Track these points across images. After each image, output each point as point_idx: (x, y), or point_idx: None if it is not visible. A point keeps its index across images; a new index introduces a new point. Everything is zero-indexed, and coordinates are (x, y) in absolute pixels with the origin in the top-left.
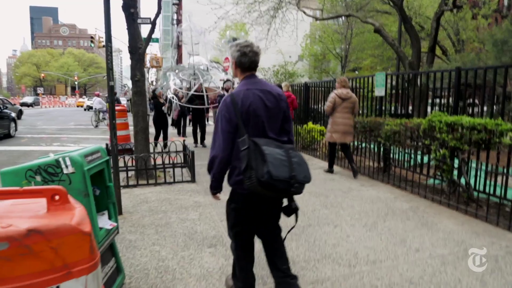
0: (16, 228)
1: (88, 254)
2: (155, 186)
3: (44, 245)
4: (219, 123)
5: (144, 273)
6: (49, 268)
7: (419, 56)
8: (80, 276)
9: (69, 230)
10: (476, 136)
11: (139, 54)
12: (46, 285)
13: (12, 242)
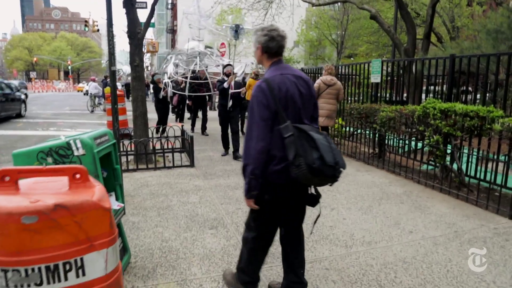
0: (44, 203)
1: (109, 229)
2: (154, 170)
3: (69, 219)
4: (256, 111)
5: (148, 253)
6: (73, 240)
7: (415, 43)
8: (101, 249)
9: (91, 205)
10: (469, 123)
11: (138, 39)
12: (71, 257)
13: (40, 215)
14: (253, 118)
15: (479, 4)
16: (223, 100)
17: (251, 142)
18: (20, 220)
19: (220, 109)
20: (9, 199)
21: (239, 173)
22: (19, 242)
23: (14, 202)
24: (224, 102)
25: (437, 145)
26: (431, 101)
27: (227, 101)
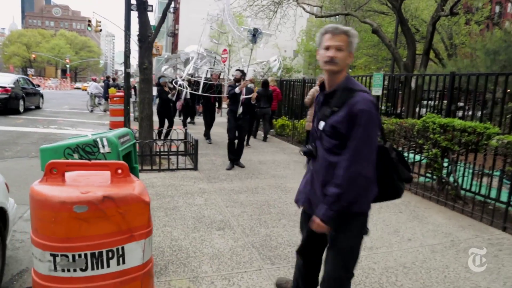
0: (94, 194)
1: (147, 221)
2: (158, 172)
3: (115, 210)
4: (371, 130)
5: (159, 251)
6: (117, 230)
7: (414, 58)
8: (140, 239)
9: (134, 198)
10: (466, 138)
11: (148, 43)
12: (114, 245)
13: (90, 205)
14: (367, 138)
15: (477, 23)
16: (233, 106)
17: (358, 166)
18: (72, 209)
19: (229, 115)
20: (60, 189)
21: (242, 178)
22: (69, 230)
23: (65, 192)
24: (234, 108)
25: (435, 158)
26: (431, 115)
27: (237, 107)
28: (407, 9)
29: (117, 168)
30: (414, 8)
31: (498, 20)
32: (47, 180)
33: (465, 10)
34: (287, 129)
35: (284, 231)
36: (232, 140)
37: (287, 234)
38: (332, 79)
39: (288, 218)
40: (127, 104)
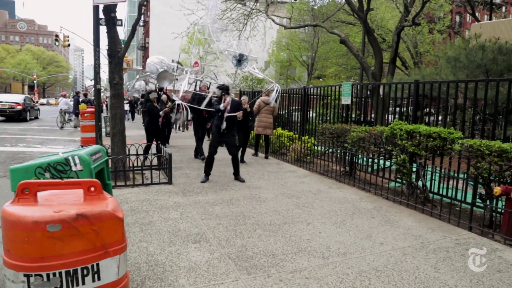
0: (67, 213)
1: (121, 237)
2: (132, 187)
3: (88, 227)
4: None
5: (135, 267)
6: (91, 247)
7: (381, 67)
8: (115, 255)
9: (107, 215)
10: (432, 143)
11: (118, 58)
12: (89, 262)
13: (64, 224)
14: None
15: (439, 32)
16: (217, 120)
17: None
18: (46, 228)
19: (213, 130)
20: (32, 209)
21: (217, 190)
22: (43, 249)
23: (38, 212)
24: (218, 123)
25: (403, 163)
26: (398, 122)
27: (221, 122)
28: (373, 20)
29: (89, 186)
30: (380, 19)
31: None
32: (19, 200)
33: (427, 20)
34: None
35: (260, 241)
36: (212, 155)
37: (263, 244)
38: None
39: (263, 228)
40: (99, 120)
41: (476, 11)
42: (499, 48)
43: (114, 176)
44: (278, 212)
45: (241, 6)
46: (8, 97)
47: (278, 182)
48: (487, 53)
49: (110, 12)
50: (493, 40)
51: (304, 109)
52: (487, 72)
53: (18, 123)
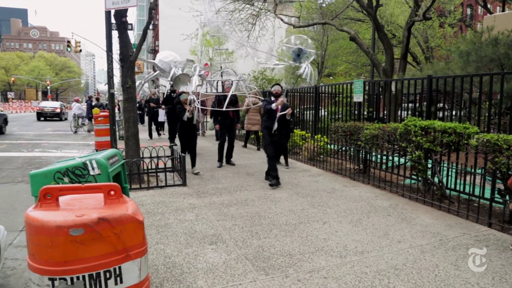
0: (89, 217)
1: (142, 240)
2: (147, 190)
3: (110, 231)
4: None
5: (154, 269)
6: (113, 250)
7: (392, 63)
8: (136, 258)
9: (128, 218)
10: (447, 139)
11: (130, 62)
12: (111, 265)
13: (86, 228)
14: None
15: (450, 25)
16: (268, 121)
17: None
18: (69, 232)
19: (264, 132)
20: (54, 214)
21: (231, 191)
22: (66, 253)
23: (61, 216)
24: (269, 124)
25: (418, 160)
26: (412, 119)
27: (272, 123)
28: (382, 16)
29: (109, 189)
30: (390, 14)
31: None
32: (41, 205)
33: (438, 14)
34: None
35: (276, 241)
36: (272, 156)
37: (279, 244)
38: None
39: (279, 228)
40: (113, 124)
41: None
42: None
43: (129, 179)
44: (293, 212)
45: (249, 7)
46: (49, 103)
47: (292, 181)
48: (499, 47)
49: (121, 17)
50: (505, 33)
51: (316, 107)
52: (502, 65)
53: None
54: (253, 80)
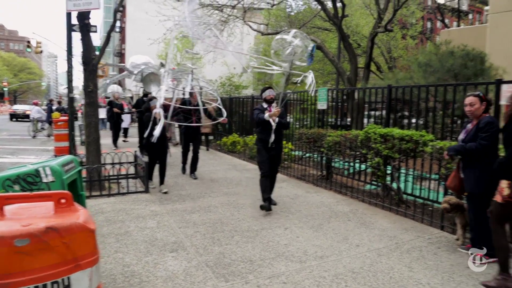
0: (36, 226)
1: (93, 249)
2: (108, 197)
3: (59, 240)
4: None
5: (111, 279)
6: (61, 261)
7: (356, 72)
8: (86, 268)
9: (79, 227)
10: (405, 146)
11: (92, 65)
12: (59, 276)
13: (32, 238)
14: None
15: (412, 37)
16: (262, 133)
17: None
18: (13, 243)
19: (259, 146)
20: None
21: (195, 197)
22: (10, 265)
23: (5, 226)
24: (264, 137)
25: (378, 166)
26: (372, 126)
27: (268, 135)
28: (348, 26)
29: (60, 197)
30: (355, 25)
31: (430, 34)
32: None
33: (400, 26)
34: (238, 145)
35: (238, 248)
36: (267, 175)
37: (240, 251)
38: None
39: (241, 235)
40: (72, 130)
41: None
42: (466, 54)
43: (89, 185)
44: (255, 218)
45: (218, 13)
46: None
47: (256, 188)
48: (456, 58)
49: (83, 18)
50: (461, 47)
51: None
52: (456, 76)
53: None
54: (220, 86)
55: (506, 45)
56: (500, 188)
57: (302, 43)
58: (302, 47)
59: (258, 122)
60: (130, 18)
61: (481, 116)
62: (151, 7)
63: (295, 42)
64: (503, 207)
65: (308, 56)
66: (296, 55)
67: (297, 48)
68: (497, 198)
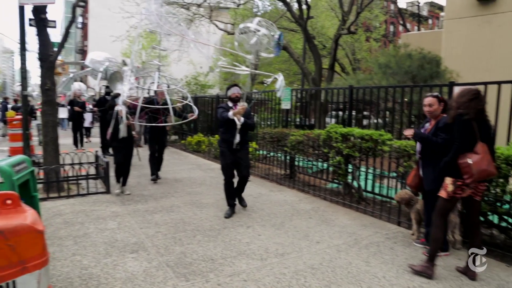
0: None
1: (41, 250)
2: (67, 198)
3: (3, 243)
4: None
5: (67, 282)
6: (6, 264)
7: (321, 73)
8: (34, 270)
9: (25, 229)
10: (365, 145)
11: (49, 62)
12: (4, 280)
13: None
14: None
15: (375, 40)
16: (226, 134)
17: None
18: None
19: (222, 148)
20: None
21: (157, 198)
22: None
23: None
24: (228, 137)
25: (339, 165)
26: (333, 126)
27: (233, 135)
28: (314, 27)
29: (5, 198)
30: (321, 26)
31: (392, 38)
32: None
33: (365, 29)
34: (203, 145)
35: (199, 247)
36: (230, 180)
37: (202, 250)
38: None
39: (203, 234)
40: (27, 129)
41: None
42: (423, 57)
43: (46, 187)
44: (218, 217)
45: (183, 11)
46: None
47: (220, 187)
48: (414, 61)
49: (40, 13)
50: (418, 50)
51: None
52: (413, 78)
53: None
54: (186, 85)
55: (459, 50)
56: (445, 184)
57: (268, 32)
58: (268, 36)
59: (222, 121)
60: (93, 14)
61: (439, 116)
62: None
63: (261, 32)
64: (447, 202)
65: (275, 45)
66: (262, 45)
67: (262, 38)
68: (442, 194)
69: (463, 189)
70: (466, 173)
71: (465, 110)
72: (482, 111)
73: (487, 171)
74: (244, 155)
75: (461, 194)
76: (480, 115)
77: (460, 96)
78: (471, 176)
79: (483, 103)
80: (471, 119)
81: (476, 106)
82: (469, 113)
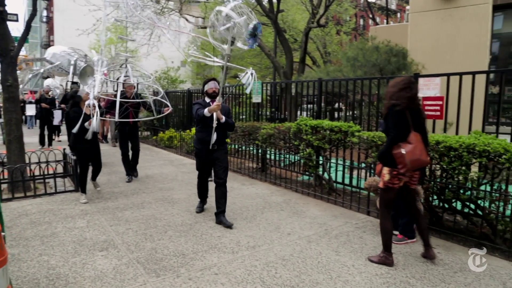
0: None
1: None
2: (34, 198)
3: None
4: None
5: (34, 283)
6: None
7: (292, 66)
8: None
9: None
10: (334, 137)
11: (11, 57)
12: None
13: None
14: None
15: (346, 33)
16: (202, 132)
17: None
18: None
19: (198, 148)
20: None
21: (128, 194)
22: None
23: None
24: (204, 136)
25: (310, 157)
26: (303, 118)
27: (209, 134)
28: (285, 21)
29: None
30: (291, 20)
31: (362, 31)
32: None
33: (335, 22)
34: (175, 140)
35: (170, 242)
36: (205, 180)
37: (173, 245)
38: None
39: (175, 229)
40: None
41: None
42: (390, 50)
43: (11, 187)
44: (190, 212)
45: (152, 4)
46: None
47: (192, 182)
48: (381, 53)
49: None
50: (385, 42)
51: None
52: (381, 70)
53: None
54: (156, 80)
55: (424, 43)
56: (382, 174)
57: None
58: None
59: (198, 119)
60: (58, 7)
61: None
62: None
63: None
64: (385, 192)
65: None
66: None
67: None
68: (380, 184)
69: (399, 178)
70: (400, 163)
71: (397, 101)
72: (413, 99)
73: (420, 160)
74: (221, 155)
75: (398, 184)
76: (411, 104)
77: (392, 86)
78: (405, 166)
79: (414, 92)
80: (404, 109)
81: (406, 94)
82: (401, 103)
